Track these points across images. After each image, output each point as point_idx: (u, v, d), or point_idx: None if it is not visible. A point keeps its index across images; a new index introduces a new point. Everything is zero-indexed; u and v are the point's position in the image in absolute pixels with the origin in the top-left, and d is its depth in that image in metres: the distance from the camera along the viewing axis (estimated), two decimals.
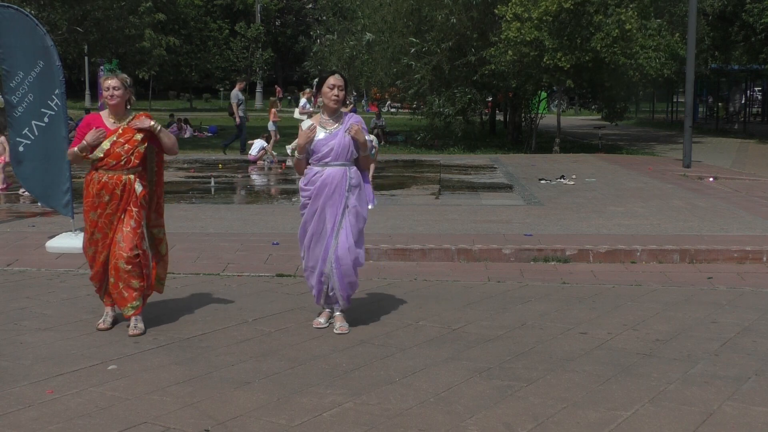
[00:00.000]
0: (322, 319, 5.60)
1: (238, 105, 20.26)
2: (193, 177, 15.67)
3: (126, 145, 5.37)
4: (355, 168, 5.48)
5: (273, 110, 20.91)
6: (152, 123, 5.45)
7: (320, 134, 5.39)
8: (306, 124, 5.41)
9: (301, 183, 5.56)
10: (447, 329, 5.54)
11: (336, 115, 5.45)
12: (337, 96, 5.37)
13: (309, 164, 5.49)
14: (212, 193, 13.74)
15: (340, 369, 4.70)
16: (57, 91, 8.29)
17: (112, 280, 5.41)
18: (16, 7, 8.93)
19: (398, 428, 3.85)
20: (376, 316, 5.86)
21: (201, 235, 8.91)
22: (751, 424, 3.92)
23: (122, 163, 5.37)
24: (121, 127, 5.40)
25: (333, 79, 5.39)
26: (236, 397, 4.25)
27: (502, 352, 5.01)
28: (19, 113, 8.38)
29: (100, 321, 5.55)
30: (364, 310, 5.98)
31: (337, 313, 5.58)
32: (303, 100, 21.35)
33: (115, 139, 5.36)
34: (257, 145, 18.69)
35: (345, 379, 4.53)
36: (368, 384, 4.44)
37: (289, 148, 5.73)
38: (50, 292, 6.54)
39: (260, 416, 3.99)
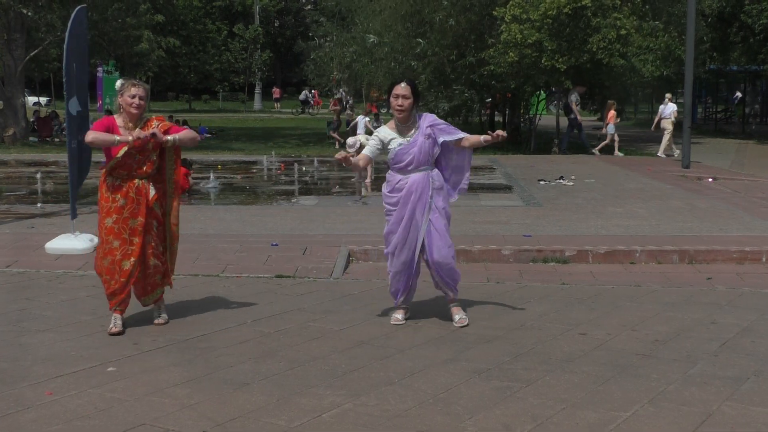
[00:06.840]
0: (400, 316, 5.71)
1: (576, 104, 21.80)
2: (193, 177, 15.63)
3: (138, 155, 5.35)
4: (437, 170, 5.57)
5: (612, 112, 21.30)
6: (166, 138, 5.37)
7: (397, 141, 5.48)
8: (351, 140, 5.38)
9: (384, 190, 5.63)
10: (446, 330, 5.53)
11: (410, 122, 5.51)
12: (401, 106, 5.42)
13: (389, 171, 5.61)
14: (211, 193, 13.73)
15: (340, 370, 4.70)
16: (65, 93, 8.42)
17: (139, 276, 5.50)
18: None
19: (397, 429, 3.85)
20: (374, 316, 5.86)
21: (200, 236, 8.91)
22: (751, 424, 3.92)
23: (133, 171, 5.36)
24: (134, 137, 5.27)
25: (398, 89, 5.44)
26: (235, 398, 4.24)
27: (501, 353, 5.01)
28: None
29: (111, 325, 5.39)
30: (364, 311, 5.98)
31: (454, 306, 5.72)
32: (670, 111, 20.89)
33: (127, 148, 5.30)
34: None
35: (344, 380, 4.53)
36: (367, 385, 4.44)
37: (351, 140, 5.69)
38: (49, 294, 6.53)
39: (259, 417, 3.98)
